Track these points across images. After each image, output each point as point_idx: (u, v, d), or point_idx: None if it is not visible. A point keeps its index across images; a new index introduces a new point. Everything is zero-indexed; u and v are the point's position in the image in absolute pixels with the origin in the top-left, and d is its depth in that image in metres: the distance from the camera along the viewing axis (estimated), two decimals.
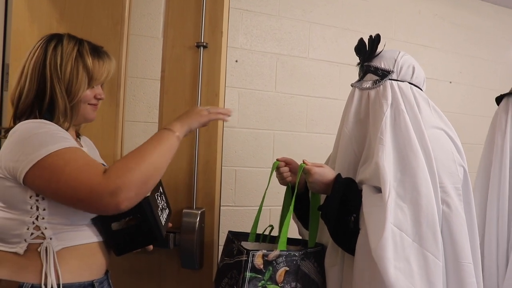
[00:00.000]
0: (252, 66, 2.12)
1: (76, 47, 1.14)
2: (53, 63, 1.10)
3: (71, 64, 1.11)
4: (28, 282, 1.00)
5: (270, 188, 2.14)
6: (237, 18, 2.09)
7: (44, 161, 0.96)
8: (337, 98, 2.30)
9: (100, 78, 1.17)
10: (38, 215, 1.02)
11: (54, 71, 1.09)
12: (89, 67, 1.14)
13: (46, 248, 1.01)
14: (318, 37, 2.26)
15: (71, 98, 1.12)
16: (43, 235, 1.02)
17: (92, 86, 1.16)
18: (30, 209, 1.02)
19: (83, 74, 1.13)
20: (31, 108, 1.10)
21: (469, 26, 2.71)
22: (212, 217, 1.60)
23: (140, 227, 1.15)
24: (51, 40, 1.13)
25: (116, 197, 0.94)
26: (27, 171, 0.96)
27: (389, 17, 2.45)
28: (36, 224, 1.02)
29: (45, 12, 1.58)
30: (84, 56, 1.13)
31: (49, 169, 0.96)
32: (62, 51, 1.11)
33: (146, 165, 1.00)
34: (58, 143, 0.99)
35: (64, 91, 1.10)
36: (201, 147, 1.59)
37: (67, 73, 1.11)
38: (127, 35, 1.63)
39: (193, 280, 1.58)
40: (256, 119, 2.13)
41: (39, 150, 0.97)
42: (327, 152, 2.27)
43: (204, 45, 1.59)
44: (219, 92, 1.60)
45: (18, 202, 1.02)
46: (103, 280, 1.14)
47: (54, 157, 0.97)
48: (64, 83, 1.10)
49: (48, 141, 0.99)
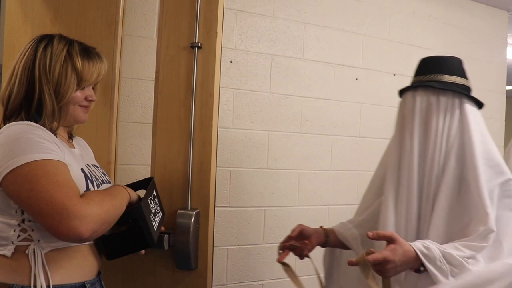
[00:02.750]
0: (246, 67, 2.12)
1: (66, 47, 1.12)
2: (42, 64, 1.09)
3: (59, 65, 1.10)
4: (18, 284, 0.99)
5: (264, 188, 2.15)
6: (232, 18, 2.09)
7: (22, 168, 0.95)
8: (331, 98, 2.30)
9: (90, 79, 1.15)
10: (24, 218, 1.01)
11: (43, 71, 1.08)
12: (78, 68, 1.12)
13: (34, 250, 1.01)
14: (313, 37, 2.27)
15: (59, 99, 1.10)
16: (30, 237, 1.02)
17: (82, 87, 1.15)
18: (15, 213, 1.01)
19: (71, 75, 1.11)
20: (20, 108, 1.09)
21: (463, 26, 2.72)
22: (206, 217, 1.60)
23: (132, 233, 1.14)
24: (42, 41, 1.12)
25: (83, 224, 0.92)
26: (4, 176, 0.95)
27: (383, 17, 2.45)
28: (22, 227, 1.01)
29: (38, 12, 1.57)
30: (74, 57, 1.12)
31: (24, 176, 0.95)
32: (51, 52, 1.10)
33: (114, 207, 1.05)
34: (41, 153, 0.97)
35: (53, 92, 1.09)
36: (196, 148, 1.59)
37: (56, 74, 1.09)
38: (121, 35, 1.63)
39: (188, 280, 1.58)
40: (250, 119, 2.13)
41: (19, 156, 0.95)
42: (321, 153, 2.29)
43: (198, 46, 1.58)
44: (213, 93, 1.60)
45: (3, 206, 1.01)
46: (95, 282, 1.14)
47: (34, 166, 0.95)
48: (52, 84, 1.09)
49: (32, 149, 0.97)
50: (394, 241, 1.08)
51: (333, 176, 2.30)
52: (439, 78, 1.25)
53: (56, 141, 1.06)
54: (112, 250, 1.15)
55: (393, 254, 1.06)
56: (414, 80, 1.32)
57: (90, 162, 1.25)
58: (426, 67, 1.30)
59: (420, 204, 1.25)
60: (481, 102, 1.27)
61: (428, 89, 1.26)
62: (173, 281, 1.58)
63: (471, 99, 1.26)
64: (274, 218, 2.17)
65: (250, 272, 2.12)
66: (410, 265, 1.08)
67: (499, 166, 1.20)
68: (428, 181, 1.23)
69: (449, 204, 1.19)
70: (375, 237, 1.11)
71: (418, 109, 1.26)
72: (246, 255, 2.11)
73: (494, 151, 1.22)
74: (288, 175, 2.21)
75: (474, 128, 1.21)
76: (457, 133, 1.22)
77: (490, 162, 1.20)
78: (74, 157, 1.14)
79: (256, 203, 2.13)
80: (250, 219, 2.12)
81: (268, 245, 2.14)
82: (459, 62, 1.31)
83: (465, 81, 1.28)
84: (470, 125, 1.21)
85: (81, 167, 1.12)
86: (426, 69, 1.30)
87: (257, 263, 2.13)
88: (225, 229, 2.06)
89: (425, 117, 1.26)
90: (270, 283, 2.15)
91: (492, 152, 1.22)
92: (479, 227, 1.11)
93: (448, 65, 1.27)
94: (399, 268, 1.07)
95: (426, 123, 1.25)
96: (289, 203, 2.21)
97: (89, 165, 1.21)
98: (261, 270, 2.14)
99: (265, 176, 2.15)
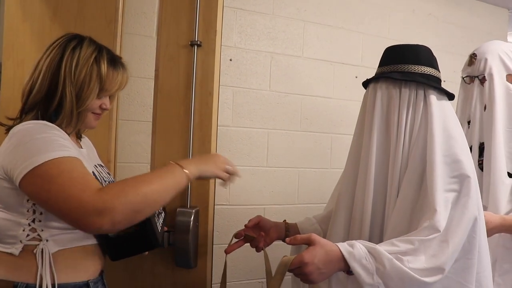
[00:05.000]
0: (246, 65, 2.12)
1: (94, 53, 1.11)
2: (69, 65, 1.08)
3: (86, 70, 1.09)
4: (22, 282, 0.99)
5: (264, 187, 2.15)
6: (231, 16, 2.08)
7: (39, 168, 0.94)
8: (331, 97, 2.30)
9: (111, 89, 1.15)
10: (34, 218, 1.01)
11: (68, 73, 1.07)
12: (103, 76, 1.11)
13: (42, 250, 1.01)
14: (312, 36, 2.27)
15: (79, 105, 1.09)
16: (39, 237, 1.02)
17: (101, 96, 1.14)
18: (26, 212, 1.01)
19: (95, 82, 1.10)
20: (39, 104, 1.08)
21: (463, 25, 2.72)
22: (206, 216, 1.60)
23: (137, 235, 1.14)
24: (71, 41, 1.11)
25: (101, 218, 0.90)
26: (22, 177, 0.95)
27: (383, 16, 2.45)
28: (32, 226, 1.01)
29: (37, 11, 1.56)
30: (101, 64, 1.11)
31: (41, 177, 0.94)
32: (79, 54, 1.09)
33: (143, 194, 0.95)
34: (56, 151, 0.97)
35: (75, 96, 1.08)
36: (195, 146, 1.59)
37: (81, 78, 1.08)
38: (120, 34, 1.63)
39: (187, 279, 1.58)
40: (250, 118, 2.13)
41: (35, 156, 0.95)
42: (321, 151, 2.29)
43: (198, 44, 1.58)
44: (213, 91, 1.60)
45: (15, 204, 1.01)
46: (97, 281, 1.14)
47: (50, 165, 0.95)
48: (76, 87, 1.08)
49: (47, 148, 0.97)
50: (314, 243, 1.02)
51: (332, 174, 2.30)
52: (401, 69, 1.17)
53: (70, 141, 1.06)
54: (117, 251, 1.16)
55: (311, 256, 1.00)
56: (377, 72, 1.25)
57: (96, 163, 1.25)
58: (389, 56, 1.22)
59: (385, 201, 1.17)
60: (451, 93, 1.20)
61: (389, 80, 1.18)
62: (173, 279, 1.58)
63: (439, 91, 1.17)
64: (273, 216, 2.16)
65: (249, 270, 2.12)
66: (336, 266, 1.02)
67: (458, 163, 1.10)
68: (392, 177, 1.15)
69: (411, 200, 1.12)
70: (293, 242, 1.06)
71: (379, 103, 1.19)
72: (245, 253, 2.11)
73: (457, 147, 1.13)
74: (287, 173, 2.21)
75: (437, 122, 1.13)
76: (421, 128, 1.15)
77: (448, 159, 1.10)
78: (83, 158, 1.14)
79: (256, 201, 2.13)
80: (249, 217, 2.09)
81: None
82: (426, 51, 1.21)
83: (432, 71, 1.19)
84: (434, 118, 1.13)
85: (91, 170, 1.11)
86: (389, 59, 1.21)
87: (257, 261, 2.13)
88: (225, 227, 2.06)
89: (386, 111, 1.18)
90: None
91: (454, 149, 1.12)
92: (424, 222, 1.05)
93: (413, 54, 1.18)
94: (324, 270, 1.00)
95: (387, 117, 1.18)
96: (288, 201, 2.21)
97: (97, 166, 1.21)
98: (260, 268, 2.14)
99: (264, 174, 2.15)
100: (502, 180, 1.47)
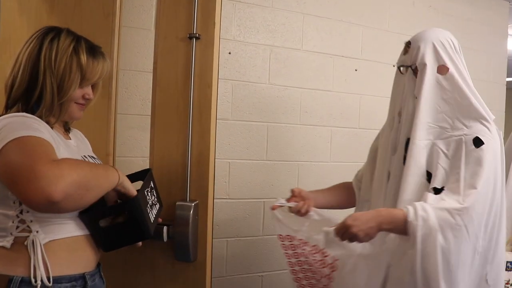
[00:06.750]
0: (245, 58, 2.11)
1: (72, 43, 1.11)
2: (48, 57, 1.08)
3: (65, 60, 1.09)
4: (18, 275, 0.99)
5: (264, 180, 2.15)
6: (230, 9, 2.07)
7: (5, 146, 0.94)
8: (330, 90, 2.29)
9: (92, 78, 1.15)
10: (22, 209, 1.01)
11: (48, 65, 1.07)
12: (83, 65, 1.11)
13: (33, 241, 1.01)
14: (312, 28, 2.25)
15: (61, 95, 1.10)
16: (29, 228, 1.01)
17: (82, 86, 1.14)
18: (13, 203, 1.01)
19: (76, 72, 1.10)
20: (21, 98, 1.08)
21: (463, 17, 2.71)
22: (205, 209, 1.60)
23: (128, 225, 1.14)
24: (49, 33, 1.11)
25: (52, 184, 0.88)
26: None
27: (383, 8, 2.44)
28: (20, 218, 1.01)
29: (34, 4, 1.55)
30: (79, 54, 1.11)
31: (5, 154, 0.94)
32: (58, 46, 1.09)
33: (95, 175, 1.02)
34: (27, 130, 0.97)
35: (56, 87, 1.08)
36: (194, 139, 1.58)
37: (61, 69, 1.08)
38: (118, 27, 1.62)
39: (187, 272, 1.58)
40: (249, 111, 2.12)
41: (4, 139, 0.95)
42: (320, 144, 2.29)
43: (196, 37, 1.57)
44: (212, 84, 1.59)
45: (0, 197, 1.01)
46: (94, 273, 1.14)
47: (15, 141, 0.94)
48: (57, 78, 1.08)
49: (18, 128, 0.97)
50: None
51: (332, 168, 2.30)
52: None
53: (51, 132, 1.06)
54: (108, 241, 1.16)
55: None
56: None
57: (86, 153, 1.24)
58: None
59: None
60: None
61: None
62: (172, 273, 1.59)
63: None
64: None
65: (249, 264, 2.13)
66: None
67: None
68: None
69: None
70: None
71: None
72: (245, 246, 2.11)
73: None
74: (287, 167, 2.20)
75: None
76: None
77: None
78: (69, 149, 1.13)
79: (255, 194, 2.13)
80: (249, 210, 2.12)
81: (267, 237, 2.15)
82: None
83: None
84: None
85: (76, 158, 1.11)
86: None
87: (256, 255, 2.13)
88: (224, 221, 2.07)
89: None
90: (270, 274, 2.16)
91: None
92: None
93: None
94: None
95: None
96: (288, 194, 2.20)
97: (86, 156, 1.21)
98: (260, 262, 2.15)
99: (264, 168, 2.15)
100: (415, 180, 1.33)
